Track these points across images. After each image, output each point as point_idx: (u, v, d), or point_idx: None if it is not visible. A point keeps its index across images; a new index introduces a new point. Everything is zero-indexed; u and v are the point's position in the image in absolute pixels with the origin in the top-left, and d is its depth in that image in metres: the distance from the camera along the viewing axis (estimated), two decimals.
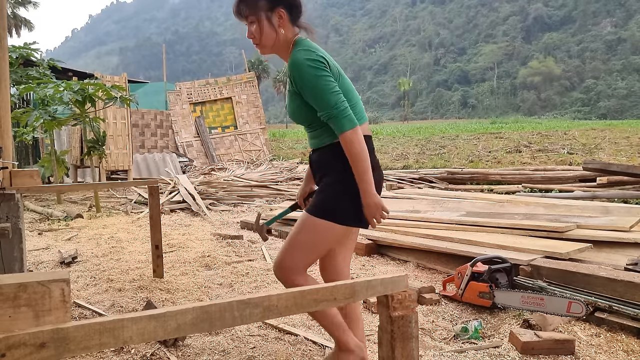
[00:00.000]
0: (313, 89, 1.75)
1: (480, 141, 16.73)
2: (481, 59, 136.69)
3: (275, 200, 7.82)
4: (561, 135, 17.61)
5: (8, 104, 2.73)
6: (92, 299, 3.08)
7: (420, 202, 5.69)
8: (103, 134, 7.38)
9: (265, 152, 15.41)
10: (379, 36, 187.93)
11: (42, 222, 6.03)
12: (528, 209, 4.76)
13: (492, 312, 2.77)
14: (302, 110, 1.85)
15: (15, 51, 7.06)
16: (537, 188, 7.58)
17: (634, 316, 2.35)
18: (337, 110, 1.74)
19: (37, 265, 3.97)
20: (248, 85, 16.04)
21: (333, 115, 1.75)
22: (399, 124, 68.44)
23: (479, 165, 10.75)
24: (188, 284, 3.38)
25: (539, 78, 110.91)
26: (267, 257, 4.11)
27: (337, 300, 1.03)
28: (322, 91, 1.74)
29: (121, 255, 4.24)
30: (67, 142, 11.02)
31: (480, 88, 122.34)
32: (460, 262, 3.25)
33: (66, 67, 11.53)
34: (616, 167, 6.57)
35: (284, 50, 1.88)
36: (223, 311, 0.88)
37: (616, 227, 3.68)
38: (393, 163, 12.23)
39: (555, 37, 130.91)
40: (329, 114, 1.75)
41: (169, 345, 2.36)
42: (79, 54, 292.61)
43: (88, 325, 0.76)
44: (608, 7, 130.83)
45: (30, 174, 2.71)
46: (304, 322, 2.67)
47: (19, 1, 35.32)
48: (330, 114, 1.75)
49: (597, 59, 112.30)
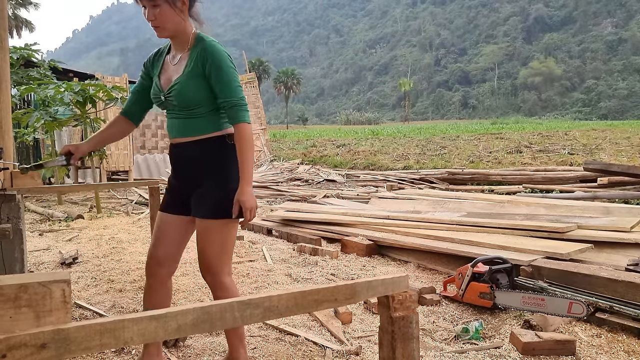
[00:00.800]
0: (229, 75, 1.88)
1: (481, 142, 16.72)
2: (482, 59, 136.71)
3: (276, 200, 7.82)
4: (562, 135, 17.61)
5: (9, 105, 2.73)
6: (92, 300, 3.08)
7: (420, 203, 5.69)
8: None
9: (265, 153, 15.42)
10: (379, 37, 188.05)
11: (42, 223, 6.03)
12: (529, 210, 4.76)
13: (493, 312, 2.76)
14: (198, 91, 1.90)
15: (16, 52, 7.06)
16: (537, 188, 7.58)
17: (635, 317, 2.35)
18: (242, 102, 1.90)
19: (37, 266, 3.97)
20: (248, 85, 16.05)
21: (239, 105, 1.88)
22: (400, 124, 68.46)
23: (480, 166, 10.74)
24: (189, 284, 3.38)
25: (540, 78, 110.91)
26: (267, 257, 4.11)
27: (338, 300, 1.03)
28: (235, 81, 1.89)
29: (122, 255, 4.24)
30: (68, 143, 11.02)
31: (481, 88, 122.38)
32: (461, 263, 3.25)
33: (67, 68, 11.52)
34: (617, 168, 6.56)
35: (182, 37, 1.94)
36: (224, 312, 0.88)
37: (617, 228, 3.68)
38: (394, 163, 12.23)
39: (556, 37, 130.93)
40: (235, 103, 1.87)
41: (169, 346, 2.36)
42: (79, 54, 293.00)
43: (89, 325, 0.76)
44: (609, 8, 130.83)
45: (31, 174, 2.71)
46: (304, 322, 2.67)
47: (20, 2, 35.37)
48: (237, 102, 1.88)
49: (598, 60, 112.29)
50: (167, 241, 2.05)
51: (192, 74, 1.89)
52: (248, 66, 19.49)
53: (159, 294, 2.08)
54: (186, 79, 1.90)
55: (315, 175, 11.00)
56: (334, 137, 26.52)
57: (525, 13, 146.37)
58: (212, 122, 1.94)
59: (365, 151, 15.57)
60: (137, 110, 2.13)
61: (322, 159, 14.71)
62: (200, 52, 1.88)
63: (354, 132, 33.76)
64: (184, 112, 1.94)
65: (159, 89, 1.99)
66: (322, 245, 4.39)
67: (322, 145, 19.94)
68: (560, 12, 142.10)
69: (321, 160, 14.58)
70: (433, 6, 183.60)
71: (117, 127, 2.13)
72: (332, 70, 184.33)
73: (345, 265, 3.80)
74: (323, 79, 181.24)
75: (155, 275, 2.06)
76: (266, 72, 76.38)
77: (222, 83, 1.87)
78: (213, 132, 1.94)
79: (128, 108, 2.12)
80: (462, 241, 3.70)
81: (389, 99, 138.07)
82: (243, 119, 1.87)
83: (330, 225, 4.86)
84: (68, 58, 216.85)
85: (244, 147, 1.87)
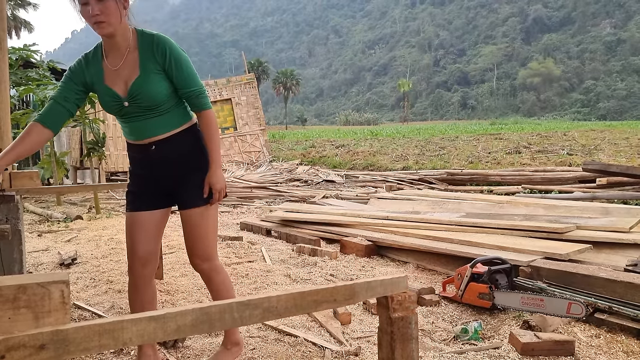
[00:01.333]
0: (187, 67, 1.91)
1: (480, 142, 16.73)
2: (481, 60, 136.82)
3: (275, 201, 7.82)
4: (561, 136, 17.62)
5: (8, 106, 2.73)
6: (91, 301, 3.08)
7: (420, 203, 5.69)
8: (103, 135, 7.38)
9: (264, 154, 15.41)
10: (378, 37, 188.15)
11: (41, 224, 6.02)
12: (528, 210, 4.77)
13: (492, 313, 2.76)
14: (161, 86, 1.89)
15: (15, 53, 7.06)
16: (536, 189, 7.58)
17: (634, 317, 2.35)
18: (203, 89, 1.96)
19: (36, 267, 3.96)
20: (248, 86, 16.05)
21: (202, 92, 1.94)
22: (399, 125, 68.49)
23: (479, 166, 10.75)
24: (188, 285, 3.38)
25: (539, 79, 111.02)
26: (267, 258, 4.11)
27: (337, 301, 1.03)
28: (193, 71, 1.93)
29: (121, 256, 4.23)
30: (67, 143, 11.02)
31: (480, 89, 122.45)
32: (460, 263, 3.25)
33: (66, 69, 11.52)
34: (616, 168, 6.57)
35: (124, 34, 1.90)
36: (223, 312, 0.88)
37: (616, 228, 3.68)
38: (393, 164, 12.23)
39: (555, 38, 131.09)
40: (199, 91, 1.93)
41: (168, 347, 2.36)
42: (78, 55, 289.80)
43: (87, 326, 0.76)
44: (607, 8, 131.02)
45: (29, 175, 2.70)
46: (303, 323, 2.67)
47: (18, 3, 35.32)
48: (200, 90, 1.93)
49: (597, 60, 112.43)
50: (145, 239, 2.06)
51: (150, 70, 1.86)
52: (247, 67, 19.48)
53: (145, 293, 2.10)
54: (146, 77, 1.86)
55: (314, 176, 11.00)
56: (333, 137, 26.52)
57: (524, 14, 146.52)
58: (180, 115, 1.98)
59: (365, 152, 15.57)
60: (57, 119, 1.95)
61: (321, 160, 14.71)
62: (152, 46, 1.87)
63: (353, 132, 33.77)
64: (150, 112, 1.91)
65: (115, 96, 1.90)
66: (321, 246, 4.39)
67: (321, 145, 19.94)
68: (559, 13, 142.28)
69: (320, 161, 14.58)
70: (432, 7, 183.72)
71: (35, 136, 1.92)
72: (331, 70, 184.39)
73: (344, 266, 3.80)
74: (322, 79, 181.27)
75: (140, 276, 2.07)
76: (265, 72, 76.35)
77: (184, 74, 1.89)
78: (182, 125, 1.98)
79: (47, 116, 1.93)
80: (461, 242, 3.71)
81: (388, 99, 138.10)
82: (207, 106, 1.96)
83: (329, 226, 4.86)
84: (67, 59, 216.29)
85: (212, 132, 1.96)
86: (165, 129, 1.95)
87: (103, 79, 1.92)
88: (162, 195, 2.06)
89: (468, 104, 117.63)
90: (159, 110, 1.92)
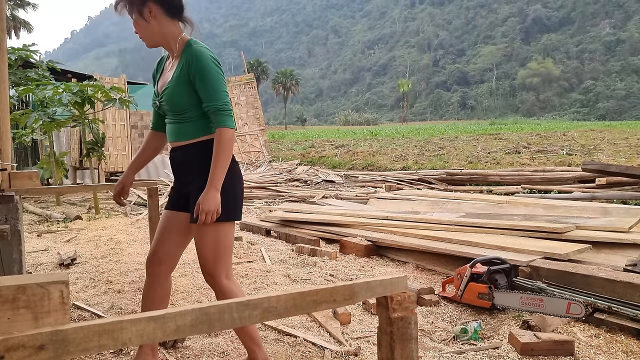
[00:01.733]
0: (212, 80, 1.89)
1: (480, 142, 16.74)
2: (480, 60, 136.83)
3: (274, 201, 7.82)
4: (560, 136, 17.64)
5: (7, 106, 2.72)
6: (91, 301, 3.08)
7: (419, 203, 5.69)
8: (102, 135, 7.38)
9: (264, 154, 15.41)
10: (378, 37, 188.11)
11: (41, 224, 6.02)
12: (527, 210, 4.77)
13: (492, 313, 2.77)
14: (185, 96, 1.93)
15: (14, 53, 7.06)
16: (536, 189, 7.59)
17: (633, 317, 2.35)
18: (226, 107, 1.90)
19: (36, 267, 3.96)
20: (247, 86, 16.04)
21: (222, 109, 1.89)
22: (398, 125, 68.48)
23: (478, 167, 10.75)
24: (187, 285, 3.38)
25: (538, 79, 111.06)
26: (266, 258, 4.11)
27: (337, 301, 1.03)
28: (219, 85, 1.90)
29: (120, 256, 4.24)
30: (66, 143, 11.01)
31: (479, 89, 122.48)
32: (459, 263, 3.25)
33: (65, 69, 11.52)
34: (615, 168, 6.57)
35: (169, 44, 1.99)
36: (222, 312, 0.88)
37: (615, 228, 3.68)
38: (392, 164, 12.23)
39: (554, 38, 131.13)
40: (218, 107, 1.88)
41: (168, 347, 2.36)
42: (78, 55, 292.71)
43: (87, 327, 0.76)
44: (607, 9, 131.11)
45: (29, 175, 2.70)
46: (303, 323, 2.67)
47: (18, 3, 35.29)
48: (219, 107, 1.89)
49: (596, 60, 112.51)
50: (169, 239, 2.08)
51: (180, 80, 1.93)
52: (246, 67, 19.47)
53: (158, 291, 2.10)
54: (174, 85, 1.94)
55: (314, 176, 11.00)
56: (333, 137, 26.54)
57: (524, 14, 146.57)
58: (201, 127, 1.97)
59: (364, 152, 15.58)
60: (162, 120, 2.16)
61: (321, 160, 14.72)
62: (187, 58, 1.92)
63: (352, 132, 33.78)
64: (176, 116, 1.99)
65: (155, 94, 2.06)
66: (320, 246, 4.39)
67: (321, 145, 19.95)
68: (559, 13, 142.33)
69: (320, 161, 14.58)
70: (431, 7, 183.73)
71: (152, 143, 2.21)
72: (331, 71, 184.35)
73: (343, 266, 3.80)
74: (321, 79, 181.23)
75: (153, 273, 2.09)
76: (265, 72, 76.34)
77: (206, 89, 1.89)
78: (202, 136, 1.97)
79: (155, 122, 2.19)
80: (460, 242, 3.71)
81: (388, 99, 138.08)
82: (224, 123, 1.88)
83: (328, 226, 4.86)
84: (66, 59, 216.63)
85: (220, 151, 1.87)
86: (184, 136, 1.98)
87: (159, 77, 2.10)
88: (186, 199, 2.05)
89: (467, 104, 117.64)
90: (182, 117, 1.97)
